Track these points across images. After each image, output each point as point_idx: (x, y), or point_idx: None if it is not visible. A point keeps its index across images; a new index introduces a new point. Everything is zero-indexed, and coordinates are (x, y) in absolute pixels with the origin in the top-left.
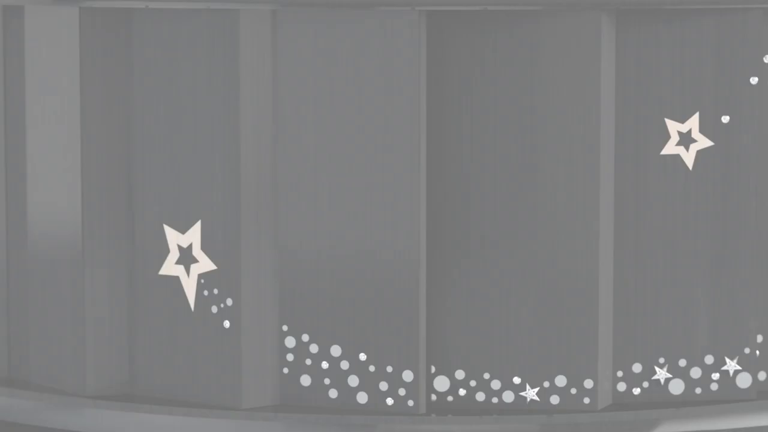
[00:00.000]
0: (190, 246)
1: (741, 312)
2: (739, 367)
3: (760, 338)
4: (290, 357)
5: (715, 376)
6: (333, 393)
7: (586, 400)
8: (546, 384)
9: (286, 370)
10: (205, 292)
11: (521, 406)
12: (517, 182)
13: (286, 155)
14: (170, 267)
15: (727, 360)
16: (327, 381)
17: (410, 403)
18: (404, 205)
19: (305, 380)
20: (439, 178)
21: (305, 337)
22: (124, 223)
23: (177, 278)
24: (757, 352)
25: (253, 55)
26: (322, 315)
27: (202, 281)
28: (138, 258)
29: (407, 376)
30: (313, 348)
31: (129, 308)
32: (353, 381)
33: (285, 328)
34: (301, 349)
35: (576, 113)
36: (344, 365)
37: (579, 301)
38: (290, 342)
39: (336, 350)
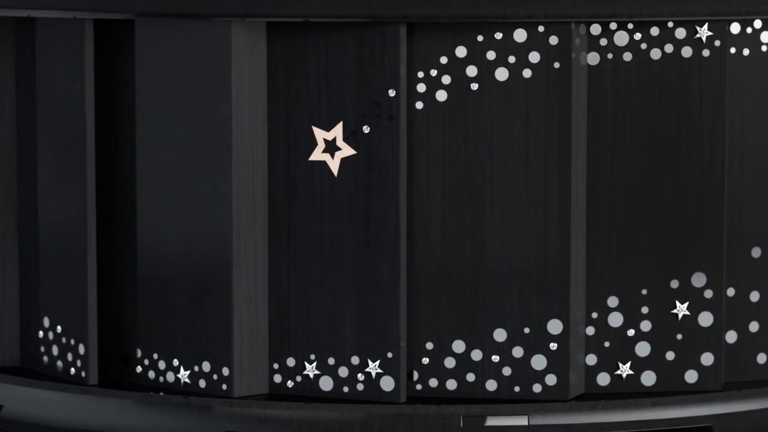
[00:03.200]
0: None
1: (384, 315)
2: (380, 371)
3: (429, 345)
4: (26, 325)
5: (361, 376)
6: (45, 359)
7: (224, 387)
8: (196, 368)
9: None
10: None
11: (177, 386)
12: (163, 187)
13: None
14: None
15: (370, 362)
16: (42, 349)
17: (83, 374)
18: (75, 184)
19: (34, 347)
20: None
21: (35, 310)
22: None
23: None
24: (426, 359)
25: None
26: (41, 290)
27: None
28: None
29: (81, 349)
30: (38, 319)
31: None
32: (55, 350)
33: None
34: (33, 321)
35: (213, 118)
36: (50, 335)
37: (217, 292)
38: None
39: (46, 321)
